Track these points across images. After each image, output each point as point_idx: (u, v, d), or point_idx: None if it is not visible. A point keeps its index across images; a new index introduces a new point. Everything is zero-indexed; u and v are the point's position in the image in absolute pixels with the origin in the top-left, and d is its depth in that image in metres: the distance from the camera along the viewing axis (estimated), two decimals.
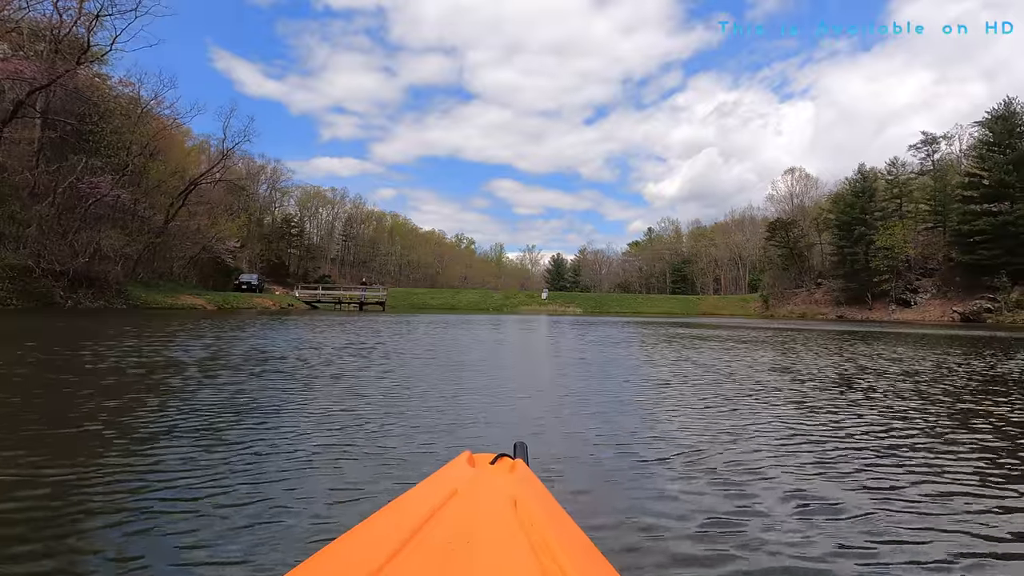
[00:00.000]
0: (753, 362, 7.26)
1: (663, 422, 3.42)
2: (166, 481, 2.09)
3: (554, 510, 0.91)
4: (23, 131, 23.02)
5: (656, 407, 3.94)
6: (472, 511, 0.81)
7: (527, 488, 0.95)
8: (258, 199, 63.47)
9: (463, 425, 3.23)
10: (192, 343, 8.19)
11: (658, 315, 48.93)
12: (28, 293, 19.23)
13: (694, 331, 16.23)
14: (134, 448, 2.55)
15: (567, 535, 0.78)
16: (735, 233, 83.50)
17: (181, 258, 36.75)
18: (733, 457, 2.62)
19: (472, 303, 58.66)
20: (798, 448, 2.83)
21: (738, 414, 3.71)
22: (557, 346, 10.26)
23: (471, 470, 1.08)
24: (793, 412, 3.82)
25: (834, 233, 54.00)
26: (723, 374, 5.93)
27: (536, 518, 0.77)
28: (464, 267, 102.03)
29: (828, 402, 4.28)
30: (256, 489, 2.03)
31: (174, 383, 4.49)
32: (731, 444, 2.87)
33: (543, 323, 21.76)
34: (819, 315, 50.08)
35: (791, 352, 9.11)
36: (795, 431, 3.22)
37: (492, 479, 1.02)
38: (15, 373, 4.82)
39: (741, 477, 2.32)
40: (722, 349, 9.42)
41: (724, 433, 3.12)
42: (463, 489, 0.89)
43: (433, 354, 7.68)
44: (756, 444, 2.89)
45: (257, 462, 2.36)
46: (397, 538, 0.66)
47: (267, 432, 2.90)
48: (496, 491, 0.93)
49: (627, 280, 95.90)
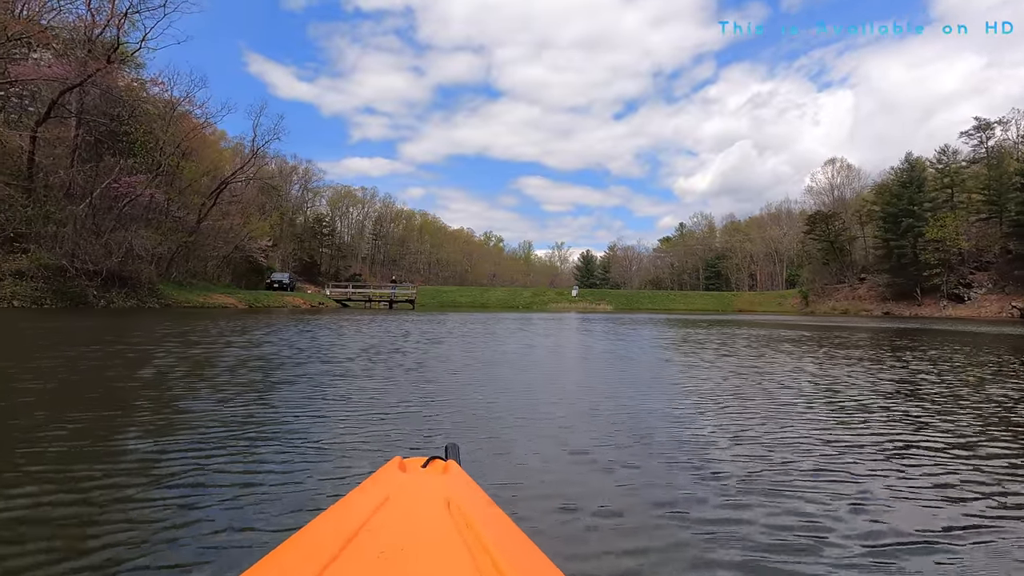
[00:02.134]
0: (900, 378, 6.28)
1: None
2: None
3: (489, 509, 0.90)
4: (59, 131, 23.36)
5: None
6: (405, 517, 0.79)
7: (461, 489, 0.94)
8: (290, 199, 64.13)
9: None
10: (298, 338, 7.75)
11: (692, 312, 47.56)
12: (62, 293, 19.37)
13: (755, 331, 15.23)
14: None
15: (502, 532, 0.78)
16: (771, 227, 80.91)
17: (214, 257, 37.12)
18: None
19: (501, 301, 58.13)
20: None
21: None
22: (654, 361, 7.62)
23: (403, 475, 1.04)
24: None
25: (879, 226, 51.58)
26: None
27: (470, 518, 0.77)
28: (493, 265, 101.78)
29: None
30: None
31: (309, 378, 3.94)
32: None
33: (586, 323, 21.00)
34: (863, 311, 47.87)
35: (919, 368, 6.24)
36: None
37: (424, 482, 1.00)
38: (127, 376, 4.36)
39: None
40: (830, 357, 7.53)
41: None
42: (395, 495, 0.87)
43: (524, 374, 6.58)
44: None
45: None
46: (327, 552, 0.64)
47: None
48: (429, 494, 0.91)
49: (658, 277, 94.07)
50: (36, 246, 20.08)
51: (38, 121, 21.98)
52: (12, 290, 18.12)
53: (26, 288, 18.53)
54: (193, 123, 33.95)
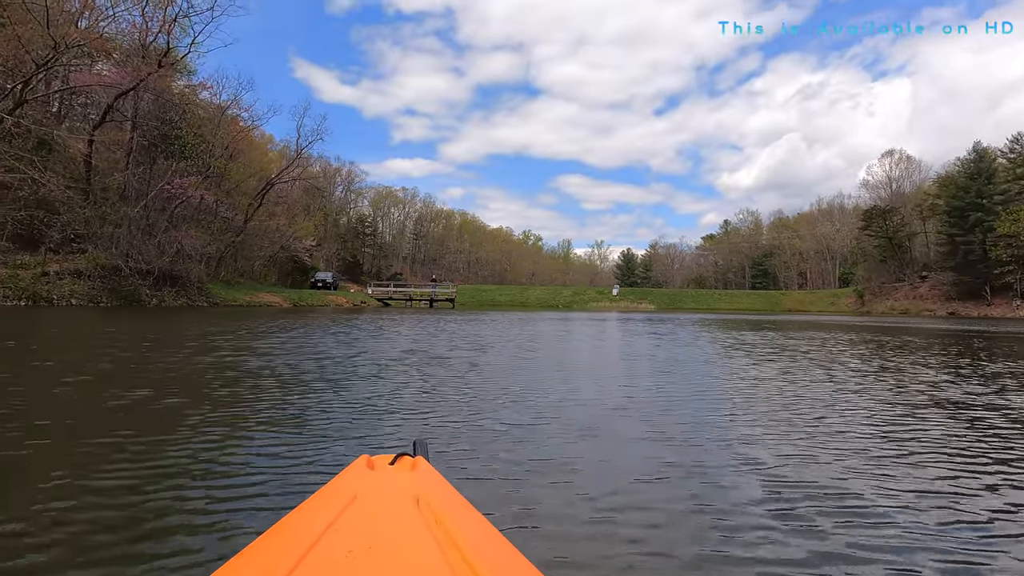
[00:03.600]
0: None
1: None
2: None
3: (459, 504, 0.89)
4: (114, 135, 24.21)
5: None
6: (373, 515, 0.79)
7: (430, 485, 0.93)
8: (334, 200, 65.41)
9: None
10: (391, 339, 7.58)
11: (739, 312, 45.88)
12: (116, 291, 19.99)
13: (840, 335, 14.26)
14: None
15: (473, 528, 0.78)
16: (823, 223, 77.55)
17: (261, 257, 38.00)
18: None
19: (541, 300, 57.61)
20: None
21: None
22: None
23: (370, 472, 1.03)
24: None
25: (943, 220, 48.54)
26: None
27: (440, 514, 0.76)
28: (532, 264, 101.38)
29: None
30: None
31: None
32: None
33: (634, 324, 20.34)
34: (925, 311, 45.13)
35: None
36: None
37: (393, 480, 0.99)
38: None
39: None
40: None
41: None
42: (363, 493, 0.86)
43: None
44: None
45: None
46: (293, 554, 0.63)
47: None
48: (397, 491, 0.89)
49: (701, 275, 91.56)
50: (93, 246, 20.81)
51: (95, 125, 22.81)
52: (71, 289, 18.80)
53: (83, 287, 19.20)
54: (240, 126, 34.80)
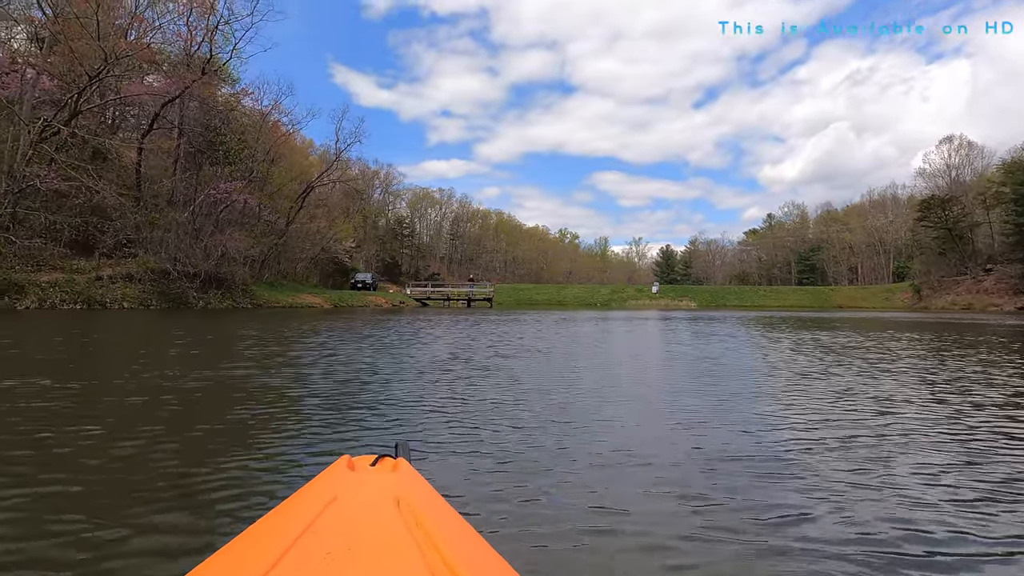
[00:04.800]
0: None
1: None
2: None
3: (440, 506, 0.88)
4: (162, 143, 25.03)
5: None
6: (353, 517, 0.78)
7: (411, 487, 0.92)
8: (372, 202, 66.44)
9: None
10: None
11: (787, 308, 44.14)
12: (165, 294, 20.59)
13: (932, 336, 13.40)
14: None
15: (453, 530, 0.77)
16: (874, 215, 74.09)
17: (302, 259, 38.76)
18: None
19: (579, 298, 56.93)
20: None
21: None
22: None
23: (351, 474, 1.01)
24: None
25: (1009, 209, 45.49)
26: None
27: (421, 516, 0.75)
28: (568, 262, 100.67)
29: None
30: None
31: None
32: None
33: (685, 323, 19.74)
34: (991, 307, 42.34)
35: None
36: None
37: (373, 481, 0.97)
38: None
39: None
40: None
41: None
42: (343, 494, 0.85)
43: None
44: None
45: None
46: (270, 555, 0.62)
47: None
48: (378, 493, 0.88)
49: (744, 271, 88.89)
50: (143, 251, 21.49)
51: (143, 133, 23.58)
52: (123, 292, 19.43)
53: (134, 290, 19.83)
54: (282, 131, 35.56)
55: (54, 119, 20.28)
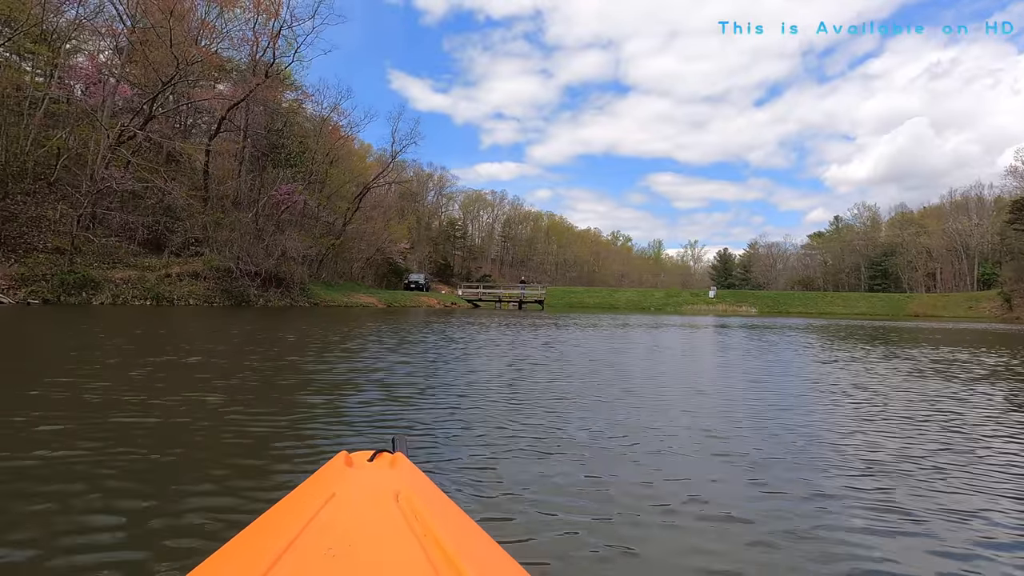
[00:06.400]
0: None
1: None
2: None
3: (438, 499, 0.88)
4: (227, 145, 26.01)
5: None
6: (352, 512, 0.78)
7: (409, 481, 0.91)
8: (426, 204, 67.43)
9: None
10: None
11: (857, 317, 41.44)
12: (228, 292, 21.24)
13: None
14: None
15: (453, 524, 0.77)
16: (956, 218, 68.86)
17: (358, 259, 39.51)
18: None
19: (631, 302, 55.57)
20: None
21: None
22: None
23: (349, 470, 1.00)
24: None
25: None
26: None
27: (420, 510, 0.75)
28: (621, 265, 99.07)
29: None
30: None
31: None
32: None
33: (759, 332, 18.71)
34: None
35: None
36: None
37: (372, 476, 0.97)
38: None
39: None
40: None
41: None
42: (342, 490, 0.85)
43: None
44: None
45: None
46: (271, 553, 0.62)
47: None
48: (377, 488, 0.88)
49: (808, 276, 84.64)
50: (209, 250, 22.28)
51: (210, 136, 24.49)
52: (189, 289, 20.16)
53: (200, 288, 20.54)
54: (340, 134, 36.39)
55: (130, 124, 21.31)
